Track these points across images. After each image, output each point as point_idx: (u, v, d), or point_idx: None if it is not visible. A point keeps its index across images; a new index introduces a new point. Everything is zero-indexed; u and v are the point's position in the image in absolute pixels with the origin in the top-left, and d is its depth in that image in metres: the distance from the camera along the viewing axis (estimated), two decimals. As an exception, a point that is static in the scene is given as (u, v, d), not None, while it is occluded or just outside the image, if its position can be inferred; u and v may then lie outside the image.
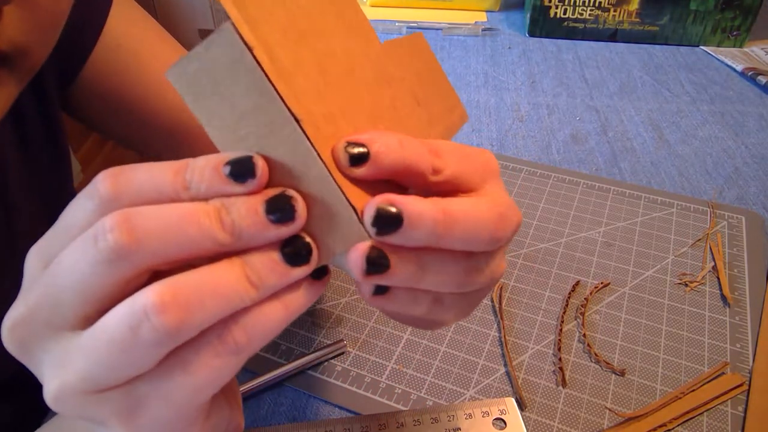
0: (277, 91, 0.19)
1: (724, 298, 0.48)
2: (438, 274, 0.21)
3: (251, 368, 0.42)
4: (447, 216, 0.20)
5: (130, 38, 0.48)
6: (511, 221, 0.22)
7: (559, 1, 0.91)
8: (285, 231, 0.19)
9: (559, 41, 0.94)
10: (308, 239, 0.20)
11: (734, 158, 0.67)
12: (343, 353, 0.43)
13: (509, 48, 0.92)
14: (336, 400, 0.40)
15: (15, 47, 0.26)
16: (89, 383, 0.18)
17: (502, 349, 0.44)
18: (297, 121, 0.19)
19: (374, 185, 0.21)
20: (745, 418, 0.39)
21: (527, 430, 0.38)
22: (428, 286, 0.21)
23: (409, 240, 0.19)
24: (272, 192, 0.19)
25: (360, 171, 0.19)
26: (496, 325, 0.46)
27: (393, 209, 0.19)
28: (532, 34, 0.95)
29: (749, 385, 0.41)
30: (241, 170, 0.19)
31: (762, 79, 0.81)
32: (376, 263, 0.19)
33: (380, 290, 0.21)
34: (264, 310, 0.19)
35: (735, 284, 0.49)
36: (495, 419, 0.38)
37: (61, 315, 0.19)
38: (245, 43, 0.18)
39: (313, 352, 0.42)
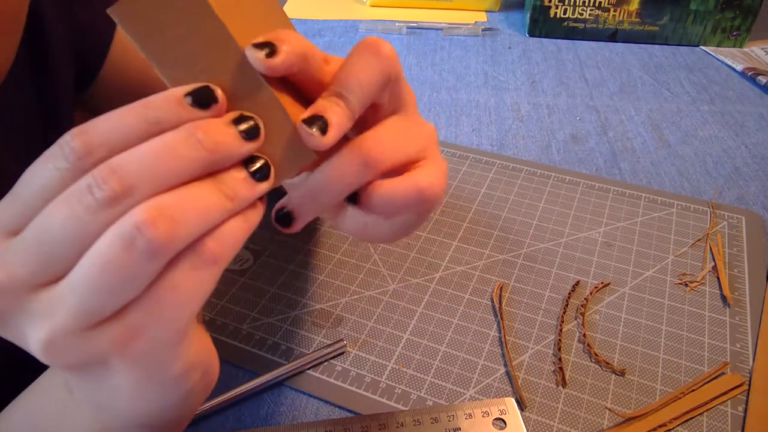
0: (221, 21, 0.20)
1: (724, 298, 0.48)
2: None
3: (251, 368, 0.42)
4: (338, 93, 0.24)
5: None
6: (387, 56, 0.25)
7: (559, 1, 0.91)
8: (253, 146, 0.21)
9: (559, 41, 0.94)
10: (266, 158, 0.22)
11: (734, 158, 0.67)
12: (343, 353, 0.43)
13: (509, 48, 0.92)
14: (336, 400, 0.40)
15: None
16: (84, 318, 0.19)
17: (502, 349, 0.44)
18: (237, 44, 0.21)
19: (296, 105, 0.24)
20: (745, 418, 0.39)
21: (527, 430, 0.38)
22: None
23: (340, 128, 0.23)
24: (233, 114, 0.21)
25: (276, 61, 0.22)
26: (496, 325, 0.46)
27: (318, 116, 0.23)
28: (532, 34, 0.95)
29: (749, 385, 0.41)
30: (203, 98, 0.21)
31: (762, 79, 0.81)
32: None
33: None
34: (230, 224, 0.21)
35: (735, 284, 0.49)
36: (495, 419, 0.38)
37: (50, 270, 0.19)
38: None
39: (313, 352, 0.42)
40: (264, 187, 0.22)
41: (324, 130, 0.22)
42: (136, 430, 0.24)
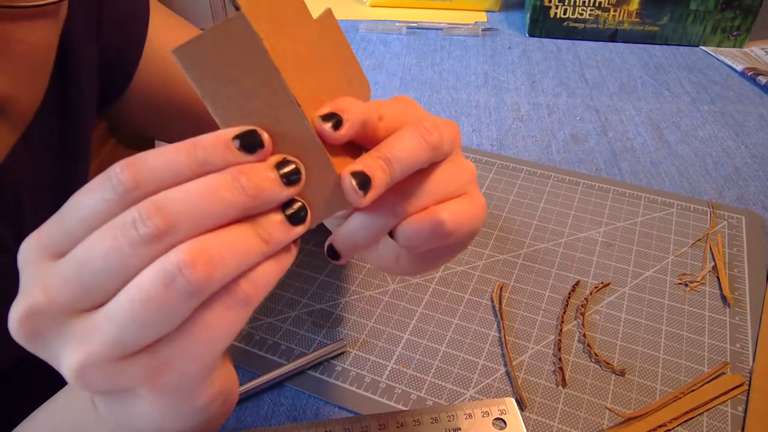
0: (282, 78, 0.21)
1: (724, 298, 0.48)
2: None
3: (251, 368, 0.42)
4: (386, 159, 0.25)
5: (172, 46, 0.49)
6: (437, 126, 0.26)
7: (559, 1, 0.91)
8: (293, 191, 0.22)
9: (559, 41, 0.94)
10: (303, 202, 0.23)
11: (734, 158, 0.67)
12: (343, 353, 0.43)
13: (509, 48, 0.92)
14: (336, 400, 0.40)
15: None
16: (118, 348, 0.20)
17: (502, 349, 0.44)
18: (298, 104, 0.22)
19: (343, 152, 0.25)
20: (745, 418, 0.39)
21: (527, 430, 0.38)
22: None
23: (379, 189, 0.24)
24: (277, 158, 0.22)
25: (341, 133, 0.23)
26: (496, 325, 0.46)
27: (364, 174, 0.23)
28: (532, 34, 0.95)
29: (749, 385, 0.41)
30: (250, 142, 0.21)
31: (762, 79, 0.81)
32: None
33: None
34: (264, 266, 0.22)
35: (735, 284, 0.49)
36: (495, 419, 0.38)
37: (89, 298, 0.20)
38: (256, 33, 0.21)
39: (313, 352, 0.42)
40: (299, 230, 0.23)
41: (366, 190, 0.23)
42: None
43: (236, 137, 0.21)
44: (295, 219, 0.23)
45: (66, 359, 0.20)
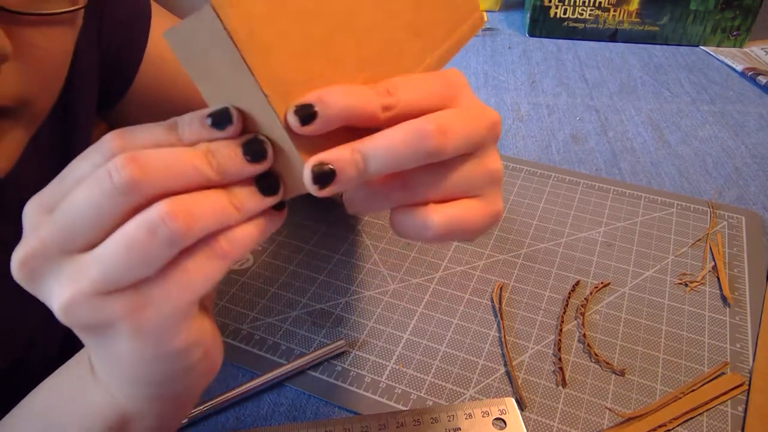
0: (251, 70, 0.22)
1: (724, 298, 0.48)
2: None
3: (251, 368, 0.42)
4: (363, 154, 0.24)
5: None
6: (449, 129, 0.25)
7: (559, 1, 0.91)
8: (258, 168, 0.24)
9: (559, 41, 0.94)
10: (276, 176, 0.24)
11: (734, 158, 0.67)
12: (343, 353, 0.43)
13: (509, 48, 0.92)
14: (336, 400, 0.40)
15: (16, 100, 0.29)
16: (104, 284, 0.22)
17: (502, 349, 0.44)
18: (265, 95, 0.23)
19: (330, 133, 0.24)
20: (745, 418, 0.39)
21: (527, 430, 0.38)
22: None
23: (346, 184, 0.24)
24: (247, 137, 0.24)
25: (311, 128, 0.23)
26: (496, 325, 0.46)
27: (326, 167, 0.24)
28: (532, 34, 0.95)
29: (749, 385, 0.41)
30: (220, 119, 0.23)
31: (762, 79, 0.81)
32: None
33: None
34: (243, 228, 0.24)
35: (735, 284, 0.49)
36: (495, 419, 0.38)
37: (74, 241, 0.23)
38: (224, 26, 0.21)
39: (313, 352, 0.42)
40: (270, 200, 0.24)
41: (325, 183, 0.24)
42: (142, 402, 0.27)
43: (210, 115, 0.23)
44: (266, 190, 0.24)
45: (56, 295, 0.23)
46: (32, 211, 0.24)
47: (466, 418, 0.38)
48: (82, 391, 0.28)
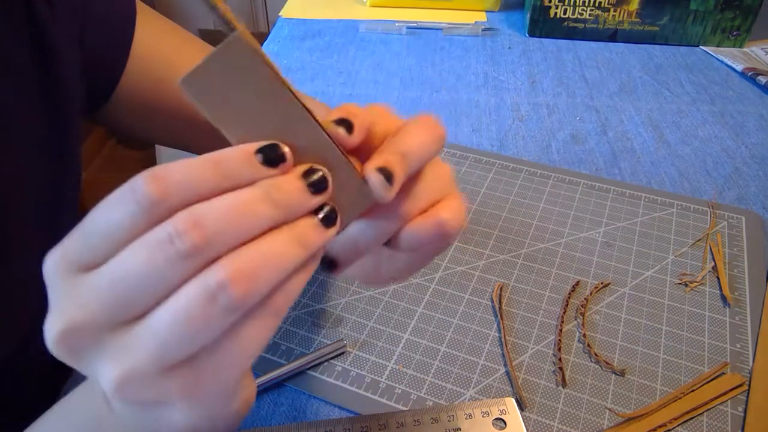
0: (292, 92, 0.21)
1: (724, 298, 0.48)
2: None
3: (251, 368, 0.42)
4: (401, 154, 0.25)
5: (160, 49, 0.49)
6: (436, 121, 0.27)
7: (559, 1, 0.91)
8: (322, 198, 0.23)
9: (559, 41, 0.94)
10: (333, 205, 0.23)
11: (734, 158, 0.67)
12: (343, 353, 0.43)
13: (509, 48, 0.92)
14: (336, 400, 0.40)
15: None
16: (159, 361, 0.20)
17: (502, 349, 0.44)
18: (312, 116, 0.22)
19: (352, 156, 0.25)
20: (745, 418, 0.39)
21: (527, 430, 0.38)
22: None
23: (398, 184, 0.25)
24: (303, 168, 0.23)
25: (355, 137, 0.24)
26: (496, 325, 0.46)
27: (386, 170, 0.24)
28: (532, 34, 0.95)
29: (749, 385, 0.41)
30: (272, 156, 0.22)
31: (762, 79, 0.81)
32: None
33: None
34: (296, 275, 0.22)
35: (735, 284, 0.49)
36: (495, 419, 0.38)
37: (127, 312, 0.20)
38: (256, 51, 0.21)
39: (313, 352, 0.42)
40: (332, 233, 0.23)
41: (390, 182, 0.24)
42: None
43: (258, 151, 0.22)
44: (328, 221, 0.23)
45: (106, 372, 0.21)
46: (59, 270, 0.21)
47: (466, 418, 0.38)
48: (99, 426, 0.26)
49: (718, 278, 0.49)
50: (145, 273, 0.20)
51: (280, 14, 1.01)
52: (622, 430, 0.38)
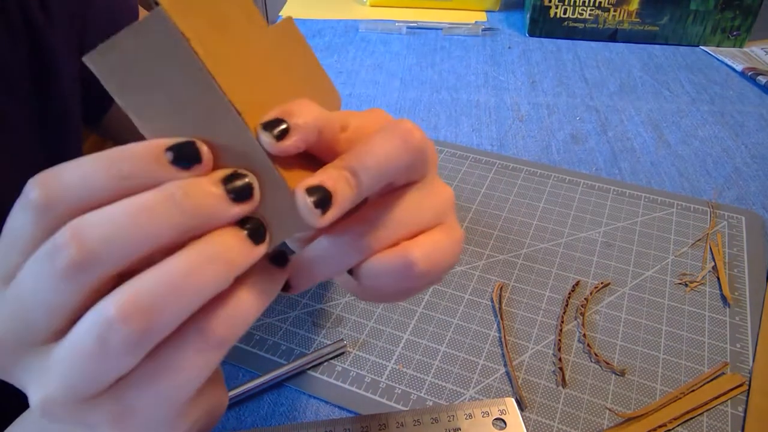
0: (217, 83, 0.18)
1: (724, 298, 0.48)
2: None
3: (251, 368, 0.42)
4: (350, 169, 0.21)
5: None
6: (418, 130, 0.23)
7: (559, 1, 0.91)
8: (244, 208, 0.19)
9: (559, 41, 0.94)
10: (257, 218, 0.20)
11: (734, 158, 0.67)
12: (343, 353, 0.43)
13: (509, 48, 0.92)
14: (336, 400, 0.40)
15: None
16: (72, 393, 0.18)
17: (502, 349, 0.44)
18: (238, 112, 0.19)
19: (299, 164, 0.21)
20: (745, 418, 0.39)
21: (527, 430, 0.38)
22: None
23: (343, 205, 0.20)
24: (224, 172, 0.19)
25: (287, 143, 0.19)
26: (496, 325, 0.46)
27: (321, 189, 0.20)
28: (532, 34, 0.95)
29: (749, 385, 0.41)
30: (185, 155, 0.18)
31: (762, 79, 0.81)
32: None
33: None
34: (241, 301, 0.19)
35: (735, 284, 0.49)
36: (495, 419, 0.38)
37: (32, 333, 0.19)
38: (180, 32, 0.17)
39: (313, 352, 0.42)
40: (261, 250, 0.20)
41: (324, 208, 0.19)
42: None
43: (170, 149, 0.18)
44: (255, 236, 0.19)
45: (31, 393, 0.19)
46: None
47: (466, 418, 0.38)
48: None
49: (718, 278, 0.49)
50: (35, 292, 0.18)
51: (280, 14, 1.01)
52: (622, 430, 0.38)
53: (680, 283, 0.49)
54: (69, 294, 0.18)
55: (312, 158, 0.22)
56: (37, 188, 0.18)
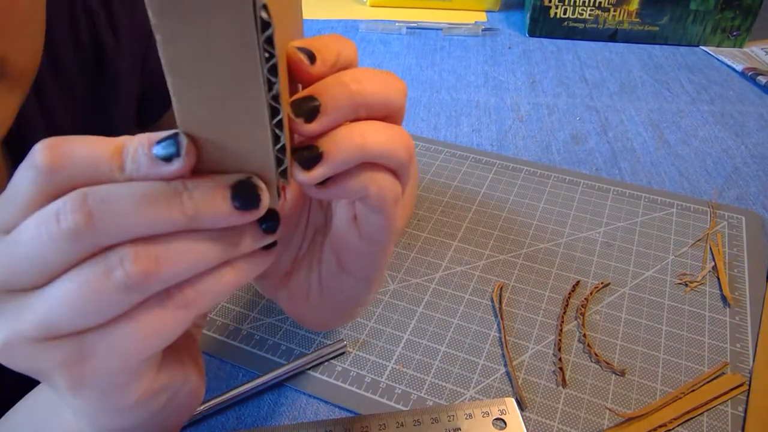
0: (269, 58, 0.18)
1: (724, 298, 0.48)
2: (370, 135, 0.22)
3: (251, 368, 0.42)
4: (359, 92, 0.21)
5: None
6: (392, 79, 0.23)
7: (559, 1, 0.91)
8: (248, 217, 0.20)
9: (559, 41, 0.94)
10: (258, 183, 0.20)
11: (734, 158, 0.67)
12: (343, 353, 0.43)
13: (509, 48, 0.92)
14: (336, 400, 0.40)
15: None
16: (43, 330, 0.19)
17: (502, 349, 0.44)
18: (270, 85, 0.18)
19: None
20: (745, 418, 0.39)
21: (527, 430, 0.38)
22: (369, 149, 0.22)
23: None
24: (236, 178, 0.19)
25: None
26: (496, 325, 0.46)
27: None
28: (532, 34, 0.95)
29: (749, 385, 0.41)
30: (168, 153, 0.19)
31: (762, 79, 0.81)
32: (307, 159, 0.21)
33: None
34: (220, 275, 0.20)
35: (735, 284, 0.49)
36: (495, 419, 0.38)
37: (18, 281, 0.20)
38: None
39: (313, 352, 0.42)
40: (270, 239, 0.21)
41: (311, 117, 0.20)
42: None
43: (159, 142, 0.19)
44: (269, 227, 0.21)
45: None
46: None
47: (466, 418, 0.38)
48: (55, 416, 0.25)
49: (718, 278, 0.49)
50: (31, 246, 0.19)
51: (280, 14, 1.01)
52: (622, 430, 0.38)
53: (680, 283, 0.49)
54: (66, 254, 0.19)
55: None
56: (47, 150, 0.19)
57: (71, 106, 0.42)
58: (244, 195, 0.19)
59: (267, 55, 0.18)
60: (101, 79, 0.43)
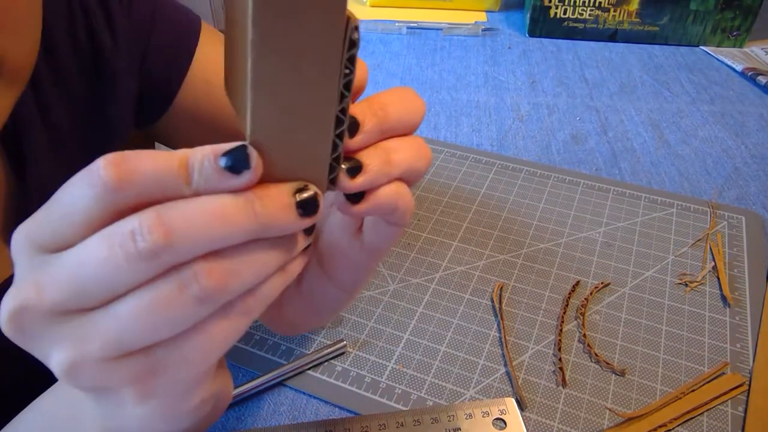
0: (345, 75, 0.19)
1: (724, 298, 0.48)
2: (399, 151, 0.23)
3: (251, 368, 0.42)
4: (383, 113, 0.23)
5: (219, 76, 0.52)
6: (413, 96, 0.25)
7: (559, 1, 0.91)
8: (307, 223, 0.21)
9: (559, 41, 0.94)
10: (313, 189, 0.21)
11: (734, 158, 0.67)
12: (343, 353, 0.43)
13: (509, 48, 0.92)
14: (336, 400, 0.40)
15: None
16: (113, 348, 0.19)
17: (502, 349, 0.44)
18: (342, 99, 0.20)
19: None
20: (745, 418, 0.39)
21: (527, 430, 0.38)
22: (399, 164, 0.23)
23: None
24: (296, 185, 0.21)
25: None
26: (496, 325, 0.46)
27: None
28: (532, 34, 0.95)
29: (749, 385, 0.41)
30: (237, 163, 0.19)
31: (762, 79, 0.81)
32: (353, 168, 0.22)
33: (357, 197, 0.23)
34: (271, 279, 0.21)
35: (735, 284, 0.49)
36: (495, 419, 0.38)
37: (80, 302, 0.19)
38: (349, 17, 0.18)
39: (313, 352, 0.42)
40: (310, 239, 0.22)
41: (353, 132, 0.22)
42: None
43: (225, 154, 0.19)
44: (308, 229, 0.22)
45: (56, 355, 0.20)
46: (23, 245, 0.20)
47: (466, 418, 0.38)
48: (76, 422, 0.25)
49: (718, 278, 0.49)
50: (103, 267, 0.19)
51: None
52: (622, 430, 0.38)
53: (680, 283, 0.49)
54: (140, 273, 0.19)
55: None
56: (112, 168, 0.18)
57: (69, 105, 0.42)
58: (308, 202, 0.20)
59: (347, 71, 0.19)
60: (99, 78, 0.43)
